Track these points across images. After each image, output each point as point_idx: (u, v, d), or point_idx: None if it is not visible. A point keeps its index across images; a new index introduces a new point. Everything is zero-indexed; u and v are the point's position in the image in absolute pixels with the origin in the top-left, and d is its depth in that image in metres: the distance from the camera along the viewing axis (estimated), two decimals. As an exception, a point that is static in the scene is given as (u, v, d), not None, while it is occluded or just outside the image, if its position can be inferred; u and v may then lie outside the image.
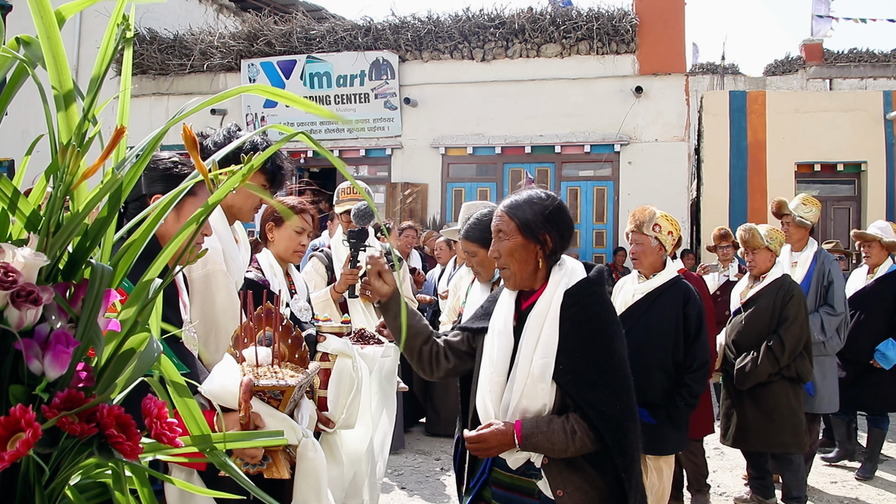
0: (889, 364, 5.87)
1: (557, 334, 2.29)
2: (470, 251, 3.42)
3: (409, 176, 13.05)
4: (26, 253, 0.83)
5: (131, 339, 0.94)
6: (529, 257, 2.39)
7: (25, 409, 0.78)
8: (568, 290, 2.35)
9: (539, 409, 2.28)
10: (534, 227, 2.38)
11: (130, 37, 0.94)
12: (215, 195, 0.97)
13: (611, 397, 2.25)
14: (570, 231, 2.48)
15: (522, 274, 2.41)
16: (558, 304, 2.33)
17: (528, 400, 2.28)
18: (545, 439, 2.22)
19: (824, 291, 5.57)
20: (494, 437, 2.26)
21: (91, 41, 13.98)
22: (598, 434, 2.22)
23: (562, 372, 2.26)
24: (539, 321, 2.32)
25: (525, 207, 2.41)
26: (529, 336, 2.32)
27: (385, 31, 13.08)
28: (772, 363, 4.73)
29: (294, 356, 2.28)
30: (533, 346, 2.30)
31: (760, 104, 12.52)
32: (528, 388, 2.28)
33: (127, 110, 0.97)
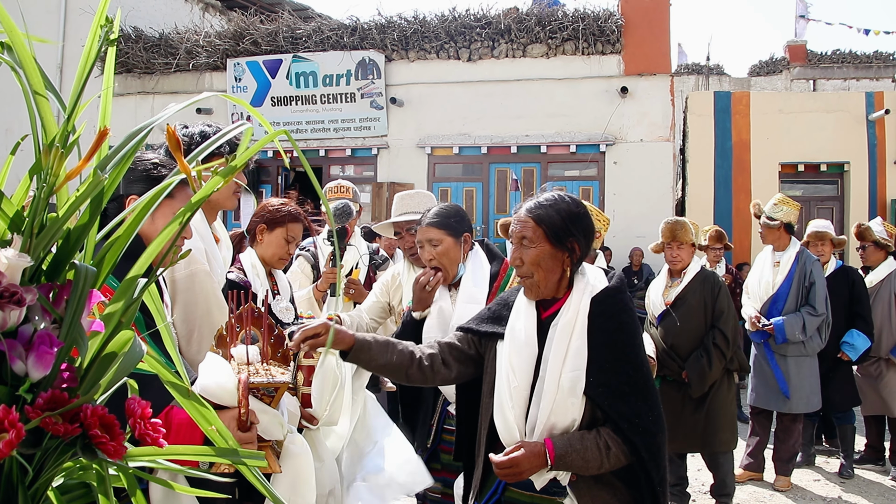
0: (857, 353, 5.99)
1: (586, 345, 2.18)
2: (434, 240, 3.15)
3: (395, 176, 13.05)
4: (10, 254, 0.83)
5: (115, 339, 0.95)
6: (556, 266, 2.26)
7: (9, 410, 0.78)
8: (594, 299, 2.23)
9: (568, 425, 2.16)
10: (562, 235, 2.25)
11: (114, 38, 0.94)
12: (198, 195, 0.97)
13: (644, 409, 2.16)
14: (594, 237, 2.37)
15: (548, 283, 2.27)
16: (585, 314, 2.21)
17: (558, 416, 2.15)
18: (579, 457, 2.11)
19: (806, 292, 5.58)
20: (527, 460, 2.11)
21: (76, 39, 13.88)
22: (633, 447, 2.12)
23: (593, 385, 2.14)
24: (567, 332, 2.20)
25: (552, 213, 2.27)
26: (557, 348, 2.19)
27: (371, 31, 13.07)
28: (719, 359, 4.70)
29: (276, 354, 2.30)
30: (561, 358, 2.17)
31: (745, 105, 12.60)
32: (557, 404, 2.15)
33: (109, 112, 0.97)
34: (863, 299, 6.14)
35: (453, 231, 3.15)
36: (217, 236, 3.10)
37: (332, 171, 13.65)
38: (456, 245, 3.15)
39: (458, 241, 3.16)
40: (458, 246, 3.16)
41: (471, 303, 3.01)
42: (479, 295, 3.07)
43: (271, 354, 2.29)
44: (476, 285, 3.11)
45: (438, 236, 3.13)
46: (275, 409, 2.16)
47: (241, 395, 1.96)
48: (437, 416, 3.19)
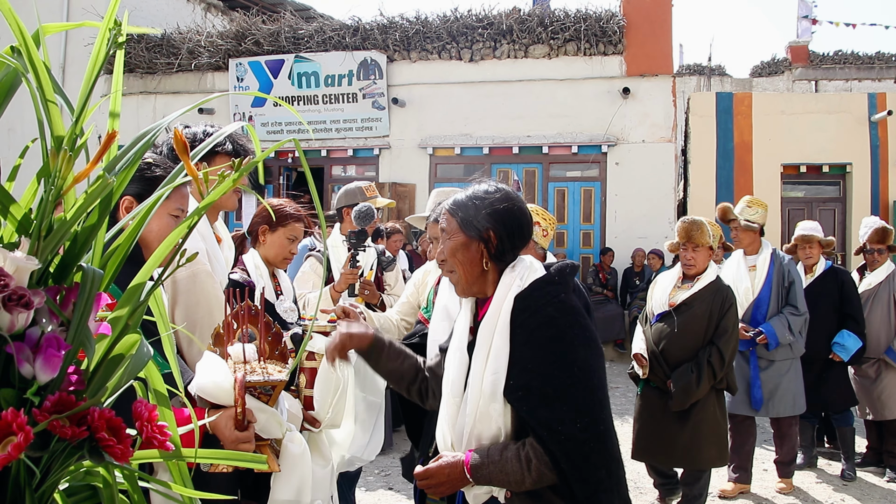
0: (848, 354, 5.93)
1: (508, 345, 2.00)
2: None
3: (396, 176, 13.05)
4: (18, 256, 0.83)
5: (122, 342, 0.95)
6: (474, 258, 2.11)
7: (17, 413, 0.78)
8: (519, 294, 2.05)
9: (494, 435, 2.00)
10: (475, 224, 2.10)
11: (122, 41, 0.94)
12: (207, 199, 0.97)
13: (569, 414, 1.92)
14: (521, 228, 2.17)
15: (468, 277, 2.13)
16: (508, 311, 2.04)
17: (482, 424, 2.00)
18: (498, 470, 1.94)
19: (785, 292, 5.49)
20: (442, 471, 2.00)
21: (78, 40, 13.90)
22: (554, 459, 1.90)
23: (511, 388, 1.96)
24: (489, 332, 2.04)
25: (468, 202, 2.15)
26: (480, 350, 2.04)
27: (373, 31, 13.07)
28: (709, 378, 4.45)
29: (274, 353, 2.31)
30: (483, 360, 2.02)
31: (747, 106, 12.59)
32: (480, 411, 1.99)
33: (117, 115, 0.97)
34: (853, 300, 6.08)
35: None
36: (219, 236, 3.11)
37: (334, 172, 13.67)
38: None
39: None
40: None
41: None
42: None
43: (269, 352, 2.29)
44: None
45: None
46: (272, 407, 2.16)
47: (238, 393, 1.96)
48: None
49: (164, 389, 1.06)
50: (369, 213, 4.60)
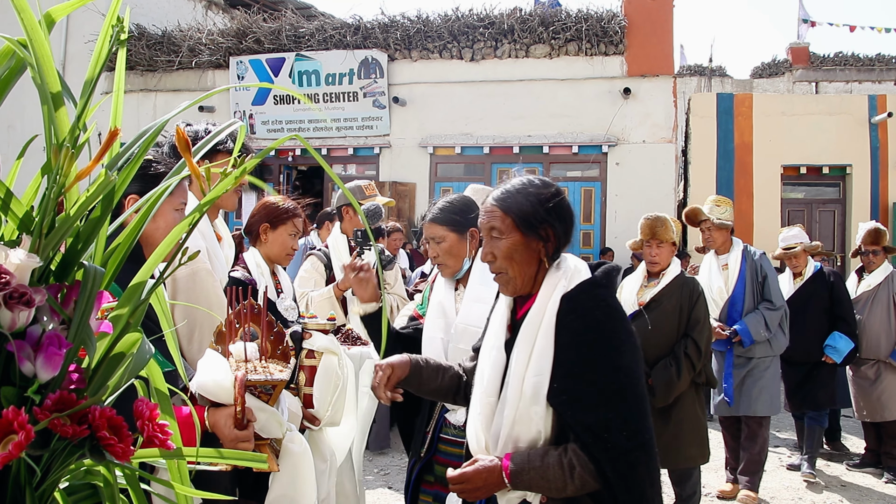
0: (840, 356, 5.91)
1: (552, 347, 1.91)
2: (437, 237, 2.97)
3: (397, 175, 13.04)
4: (19, 254, 0.83)
5: (123, 340, 0.94)
6: (532, 258, 2.03)
7: (18, 412, 0.78)
8: (565, 295, 1.96)
9: (533, 438, 1.92)
10: (534, 222, 2.01)
11: (124, 38, 0.94)
12: (208, 196, 0.97)
13: (615, 421, 1.86)
14: (573, 223, 2.12)
15: (524, 277, 2.03)
16: (554, 311, 1.95)
17: (521, 427, 1.91)
18: (539, 476, 1.85)
19: (760, 288, 5.41)
20: (480, 476, 1.92)
21: (79, 36, 13.89)
22: (599, 467, 1.83)
23: (556, 392, 1.88)
24: (532, 332, 1.95)
25: (520, 198, 2.05)
26: (521, 350, 1.95)
27: (374, 30, 13.07)
28: (689, 370, 4.44)
29: (276, 351, 2.30)
30: (525, 361, 1.93)
31: (747, 107, 12.59)
32: (520, 413, 1.91)
33: (120, 112, 0.97)
34: (843, 301, 6.06)
35: (457, 227, 2.96)
36: (219, 234, 3.11)
37: (335, 170, 13.66)
38: (461, 241, 2.95)
39: (462, 237, 2.96)
40: (464, 242, 2.96)
41: (477, 302, 2.82)
42: (486, 294, 2.84)
43: (271, 351, 2.29)
44: (484, 283, 2.86)
45: (441, 233, 2.95)
46: (273, 406, 2.16)
47: (238, 392, 1.96)
48: (433, 424, 2.98)
49: (166, 388, 1.06)
50: (377, 212, 4.62)
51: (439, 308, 2.97)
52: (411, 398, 3.25)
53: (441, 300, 2.98)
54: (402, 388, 2.29)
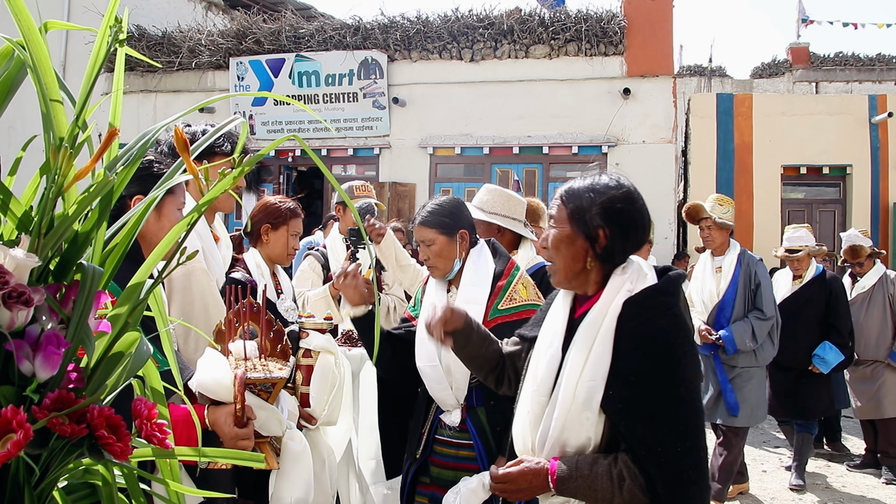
0: (828, 368, 5.72)
1: (610, 352, 1.84)
2: (427, 239, 2.98)
3: (397, 176, 13.04)
4: (18, 254, 0.83)
5: (121, 339, 0.95)
6: (577, 254, 1.96)
7: (17, 411, 0.78)
8: (629, 300, 1.88)
9: (582, 444, 1.85)
10: (586, 219, 1.94)
11: (123, 38, 0.94)
12: (206, 197, 0.97)
13: (671, 435, 1.79)
14: (636, 231, 1.99)
15: (568, 272, 1.97)
16: (615, 315, 1.87)
17: (570, 431, 1.85)
18: (586, 485, 1.79)
19: (752, 295, 5.24)
20: (524, 477, 1.86)
21: (79, 37, 13.90)
22: (650, 482, 1.77)
23: (611, 400, 1.80)
24: (590, 335, 1.87)
25: (583, 193, 1.98)
26: (578, 352, 1.87)
27: (374, 31, 13.07)
28: None
29: (276, 350, 2.31)
30: (580, 364, 1.86)
31: (747, 107, 12.59)
32: (570, 417, 1.84)
33: (119, 112, 0.97)
34: (839, 310, 5.87)
35: (446, 229, 2.97)
36: (216, 235, 3.12)
37: (335, 171, 13.65)
38: (450, 243, 2.96)
39: (452, 240, 2.96)
40: (453, 243, 2.97)
41: (470, 303, 2.82)
42: (478, 295, 2.90)
43: (270, 350, 2.30)
44: (476, 285, 2.93)
45: (431, 236, 2.96)
46: (272, 404, 2.17)
47: (237, 390, 1.97)
48: (428, 425, 2.98)
49: (161, 387, 1.06)
50: (369, 209, 4.62)
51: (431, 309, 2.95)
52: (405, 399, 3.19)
53: (433, 301, 2.90)
54: (453, 339, 2.25)
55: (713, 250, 5.43)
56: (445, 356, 2.81)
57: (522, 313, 2.85)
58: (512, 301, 2.90)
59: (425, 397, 2.99)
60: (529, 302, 2.91)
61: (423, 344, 2.90)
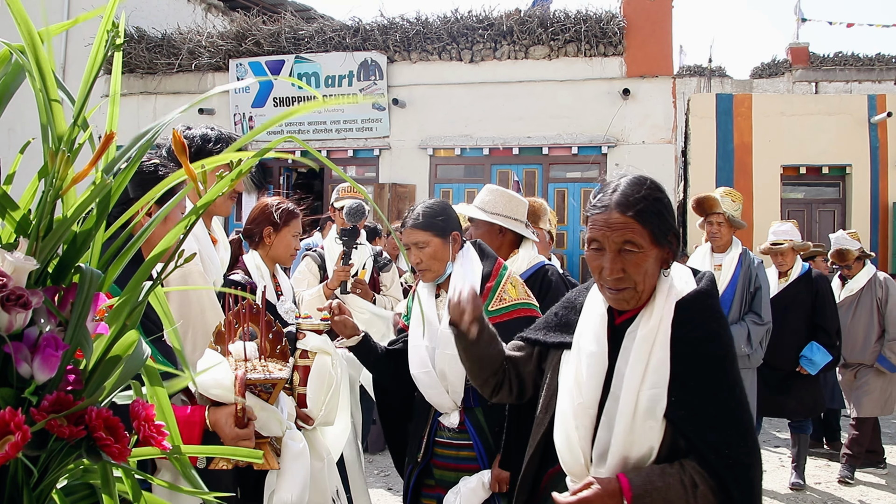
0: (816, 368, 5.64)
1: (669, 358, 1.81)
2: (420, 242, 2.93)
3: (396, 177, 13.05)
4: (17, 257, 0.84)
5: (120, 342, 0.95)
6: (658, 269, 1.90)
7: (15, 412, 0.78)
8: (680, 303, 1.87)
9: (644, 454, 1.80)
10: (665, 231, 1.89)
11: (120, 43, 0.95)
12: (203, 200, 0.97)
13: (735, 437, 1.79)
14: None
15: (649, 289, 1.90)
16: (669, 321, 1.84)
17: (633, 442, 1.79)
18: (661, 497, 1.74)
19: (750, 298, 5.14)
20: (600, 499, 1.76)
21: (79, 38, 13.90)
22: (722, 485, 1.76)
23: (675, 406, 1.77)
24: (647, 342, 1.82)
25: (652, 206, 1.87)
26: (636, 361, 1.82)
27: (374, 32, 13.08)
28: None
29: (275, 351, 2.32)
30: (641, 373, 1.80)
31: (747, 107, 12.59)
32: (633, 427, 1.79)
33: (117, 115, 0.98)
34: (826, 310, 5.78)
35: (440, 231, 2.95)
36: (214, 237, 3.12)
37: (334, 172, 13.65)
38: (444, 245, 2.95)
39: (445, 242, 2.96)
40: (447, 246, 2.96)
41: None
42: None
43: (270, 351, 2.31)
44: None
45: (425, 238, 2.93)
46: (272, 405, 2.18)
47: (238, 391, 1.98)
48: (428, 428, 2.97)
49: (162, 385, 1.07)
50: (359, 210, 4.64)
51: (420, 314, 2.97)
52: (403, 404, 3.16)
53: (423, 308, 2.96)
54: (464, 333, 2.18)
55: (715, 247, 5.30)
56: (439, 361, 2.80)
57: (513, 313, 2.85)
58: (502, 301, 2.88)
59: (423, 401, 2.97)
60: (519, 301, 2.91)
61: (416, 351, 2.89)
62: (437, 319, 2.90)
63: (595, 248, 1.91)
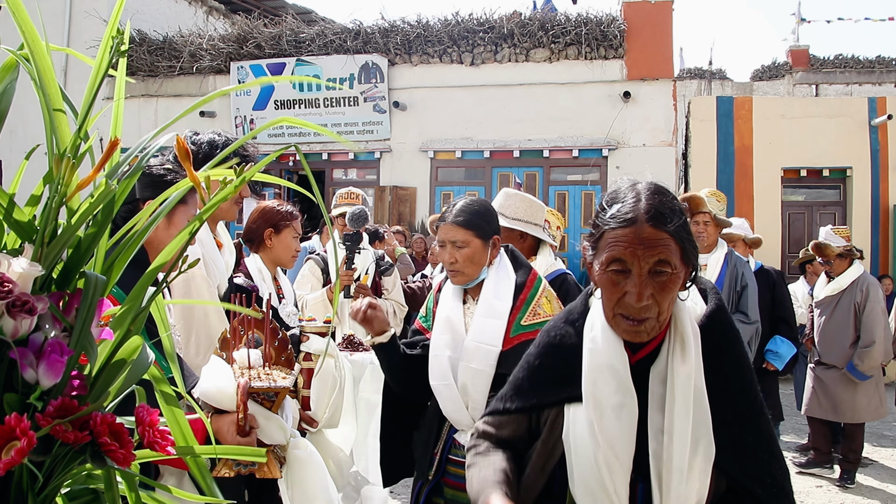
0: (783, 362, 5.58)
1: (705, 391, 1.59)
2: (459, 240, 2.70)
3: (397, 179, 13.06)
4: (22, 263, 0.84)
5: (124, 346, 0.96)
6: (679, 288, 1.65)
7: (20, 418, 0.79)
8: (703, 328, 1.66)
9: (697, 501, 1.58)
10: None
11: (125, 49, 0.95)
12: (207, 206, 0.98)
13: (774, 464, 1.63)
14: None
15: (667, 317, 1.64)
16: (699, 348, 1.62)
17: (687, 493, 1.55)
18: None
19: (737, 298, 5.07)
20: None
21: (80, 41, 13.93)
22: None
23: (720, 448, 1.57)
24: (688, 380, 1.57)
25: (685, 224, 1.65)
26: (683, 410, 1.56)
27: (374, 35, 13.09)
28: None
29: (280, 358, 2.31)
30: (685, 417, 1.55)
31: (747, 110, 12.60)
32: (690, 479, 1.55)
33: (121, 122, 0.98)
34: (785, 301, 5.76)
35: (482, 232, 2.73)
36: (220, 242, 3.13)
37: (335, 175, 13.68)
38: (483, 248, 2.72)
39: (486, 244, 2.73)
40: (486, 250, 2.73)
41: (491, 317, 2.64)
42: (501, 308, 2.66)
43: (275, 358, 2.30)
44: (499, 298, 2.68)
45: (465, 237, 2.69)
46: (276, 413, 2.17)
47: (240, 399, 1.97)
48: (441, 445, 2.76)
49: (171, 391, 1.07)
50: (362, 215, 4.66)
51: (446, 323, 2.75)
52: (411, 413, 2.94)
53: (448, 314, 2.76)
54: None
55: (702, 247, 5.17)
56: (461, 374, 2.62)
57: None
58: (536, 316, 2.65)
59: (437, 414, 2.76)
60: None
61: (438, 360, 2.70)
62: (463, 327, 2.70)
63: (617, 270, 1.60)
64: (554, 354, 1.78)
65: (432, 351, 2.72)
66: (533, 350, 1.86)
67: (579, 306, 1.82)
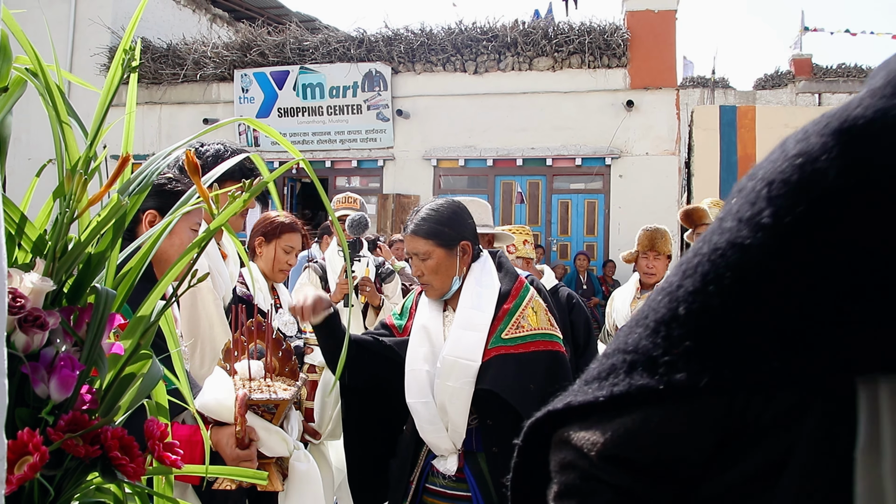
0: None
1: None
2: (420, 252, 2.51)
3: (400, 187, 13.07)
4: (34, 278, 0.85)
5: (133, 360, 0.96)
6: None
7: (33, 433, 0.79)
8: None
9: None
10: None
11: (136, 65, 0.96)
12: (216, 221, 0.99)
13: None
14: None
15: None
16: None
17: None
18: None
19: None
20: None
21: (84, 49, 13.99)
22: None
23: None
24: None
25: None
26: None
27: (378, 43, 13.13)
28: None
29: (284, 369, 2.30)
30: None
31: (750, 119, 12.60)
32: None
33: (132, 138, 0.99)
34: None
35: (445, 241, 2.51)
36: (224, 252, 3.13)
37: (339, 183, 13.69)
38: (449, 258, 2.50)
39: (451, 253, 2.51)
40: (453, 258, 2.51)
41: (468, 329, 2.43)
42: (479, 320, 2.44)
43: (279, 369, 2.29)
44: (477, 308, 2.47)
45: (425, 248, 2.50)
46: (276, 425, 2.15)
47: (238, 411, 1.97)
48: (417, 473, 2.53)
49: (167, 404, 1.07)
50: (362, 221, 4.65)
51: (423, 333, 2.53)
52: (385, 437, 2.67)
53: (425, 324, 2.54)
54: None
55: None
56: (439, 393, 2.40)
57: (530, 345, 2.40)
58: (519, 329, 2.42)
59: (413, 438, 2.53)
60: (540, 331, 2.44)
61: (415, 375, 2.47)
62: (441, 339, 2.50)
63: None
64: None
65: (409, 365, 2.49)
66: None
67: None
